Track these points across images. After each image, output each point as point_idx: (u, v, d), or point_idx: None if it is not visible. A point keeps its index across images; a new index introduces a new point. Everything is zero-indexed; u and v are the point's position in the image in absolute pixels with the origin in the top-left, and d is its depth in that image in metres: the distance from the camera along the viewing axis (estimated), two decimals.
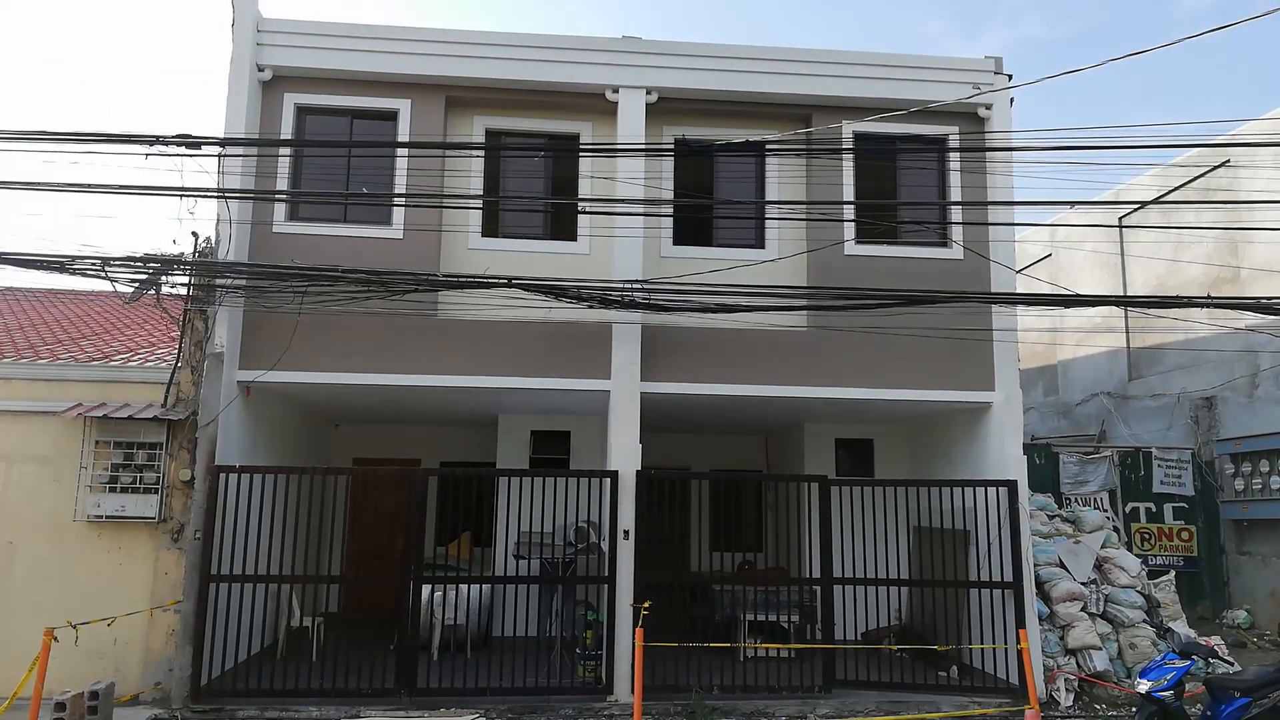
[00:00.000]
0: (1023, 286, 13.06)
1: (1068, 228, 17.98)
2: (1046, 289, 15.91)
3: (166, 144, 8.38)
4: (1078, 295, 11.24)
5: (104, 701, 7.60)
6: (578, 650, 9.65)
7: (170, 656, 8.98)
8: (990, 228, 10.36)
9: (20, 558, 9.19)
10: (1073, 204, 14.34)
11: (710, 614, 10.81)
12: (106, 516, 9.22)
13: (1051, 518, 11.60)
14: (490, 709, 8.74)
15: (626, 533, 9.46)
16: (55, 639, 7.23)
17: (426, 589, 9.99)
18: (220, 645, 9.01)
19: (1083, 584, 10.31)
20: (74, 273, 8.57)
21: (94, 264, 8.60)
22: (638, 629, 7.83)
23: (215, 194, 9.11)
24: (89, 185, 8.34)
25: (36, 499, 9.29)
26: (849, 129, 10.39)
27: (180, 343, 9.60)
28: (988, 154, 10.34)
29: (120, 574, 9.21)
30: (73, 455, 9.35)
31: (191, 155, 8.62)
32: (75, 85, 74.16)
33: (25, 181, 8.31)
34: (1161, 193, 15.46)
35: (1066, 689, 9.54)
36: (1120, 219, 16.63)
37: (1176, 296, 10.67)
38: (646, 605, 8.47)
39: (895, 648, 10.40)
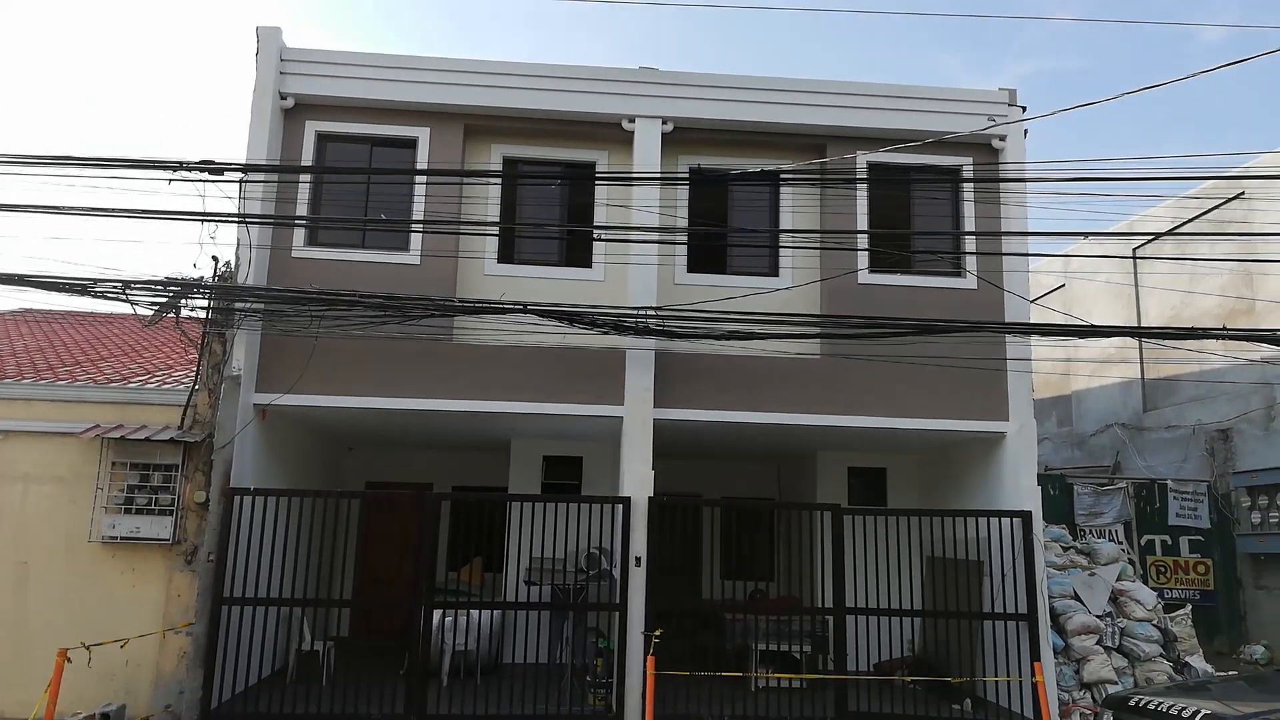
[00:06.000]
0: (1036, 316, 13.03)
1: (1082, 258, 17.96)
2: (1060, 319, 15.88)
3: (190, 170, 8.51)
4: (1092, 325, 11.19)
5: None
6: (588, 678, 9.60)
7: (181, 679, 8.98)
8: (1004, 258, 10.39)
9: (35, 578, 9.22)
10: (1087, 235, 14.38)
11: (722, 643, 10.75)
12: (121, 538, 9.25)
13: (1066, 549, 11.50)
14: None
15: (638, 560, 9.44)
16: (68, 660, 7.25)
17: (437, 614, 9.97)
18: (231, 668, 9.01)
19: (1098, 617, 10.22)
20: (96, 295, 8.66)
21: (115, 287, 8.69)
22: (649, 657, 7.79)
23: (236, 219, 9.24)
24: (113, 210, 8.35)
25: (52, 520, 9.34)
26: (863, 159, 10.48)
27: (198, 365, 9.68)
28: (1002, 184, 10.38)
29: (133, 595, 9.22)
30: (89, 476, 9.41)
31: (214, 181, 8.76)
32: (100, 111, 75.29)
33: (49, 206, 8.39)
34: (1176, 224, 15.45)
35: None
36: (1134, 250, 16.61)
37: (1191, 328, 10.62)
38: (658, 634, 8.44)
39: (908, 679, 10.30)
